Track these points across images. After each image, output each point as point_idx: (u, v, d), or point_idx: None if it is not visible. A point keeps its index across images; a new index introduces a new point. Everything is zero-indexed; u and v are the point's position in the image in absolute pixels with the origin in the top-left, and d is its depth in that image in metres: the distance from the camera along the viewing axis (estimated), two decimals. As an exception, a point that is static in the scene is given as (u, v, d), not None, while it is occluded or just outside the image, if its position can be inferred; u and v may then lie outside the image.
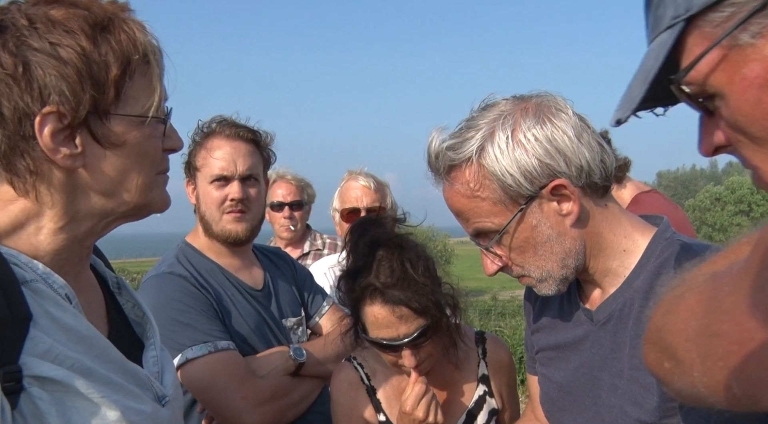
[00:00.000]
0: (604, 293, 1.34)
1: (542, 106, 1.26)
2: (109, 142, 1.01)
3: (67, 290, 1.00)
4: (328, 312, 2.28)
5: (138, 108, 1.03)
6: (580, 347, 1.38)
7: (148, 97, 1.04)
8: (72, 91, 0.96)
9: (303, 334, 2.20)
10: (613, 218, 1.31)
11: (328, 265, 2.89)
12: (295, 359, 1.96)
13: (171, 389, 1.15)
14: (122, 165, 1.03)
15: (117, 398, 0.97)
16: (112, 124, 1.01)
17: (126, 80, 1.01)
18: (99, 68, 0.98)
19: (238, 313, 1.98)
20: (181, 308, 1.87)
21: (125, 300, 1.24)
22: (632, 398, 1.23)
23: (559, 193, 1.24)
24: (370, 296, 1.61)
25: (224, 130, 2.03)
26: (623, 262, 1.30)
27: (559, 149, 1.22)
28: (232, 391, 1.82)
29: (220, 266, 2.05)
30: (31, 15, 0.97)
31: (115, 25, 1.01)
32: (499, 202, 1.26)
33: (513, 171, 1.22)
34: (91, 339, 0.98)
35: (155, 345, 1.20)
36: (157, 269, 2.01)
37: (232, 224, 2.01)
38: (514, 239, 1.28)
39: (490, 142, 1.24)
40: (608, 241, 1.30)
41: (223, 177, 2.00)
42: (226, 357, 1.85)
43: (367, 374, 1.81)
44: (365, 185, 2.72)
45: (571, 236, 1.27)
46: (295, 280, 2.28)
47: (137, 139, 1.04)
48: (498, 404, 1.82)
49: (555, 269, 1.29)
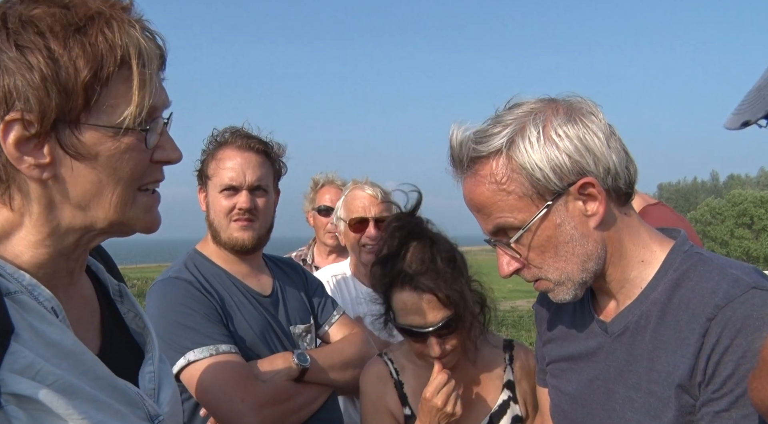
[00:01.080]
0: (619, 304, 1.32)
1: (573, 107, 1.25)
2: (78, 153, 0.93)
3: (54, 303, 0.94)
4: (338, 321, 2.29)
5: (115, 117, 0.94)
6: (593, 358, 1.36)
7: (126, 106, 0.94)
8: (37, 98, 0.88)
9: (312, 341, 2.20)
10: (633, 227, 1.30)
11: (331, 273, 2.89)
12: (298, 365, 1.96)
13: (167, 406, 1.11)
14: (95, 178, 0.95)
15: (100, 418, 0.92)
16: (83, 134, 0.92)
17: (98, 87, 0.91)
18: (67, 74, 0.89)
19: (242, 318, 2.00)
20: (185, 311, 1.89)
21: (127, 309, 1.20)
22: (649, 412, 1.22)
23: (586, 192, 1.22)
24: (401, 282, 1.69)
25: (236, 140, 2.07)
26: (641, 273, 1.29)
27: (589, 149, 1.21)
28: (232, 393, 1.83)
29: (227, 272, 2.07)
30: (8, 14, 0.91)
31: (93, 25, 0.92)
32: (525, 196, 1.23)
33: (543, 165, 1.20)
34: (77, 355, 0.93)
35: (153, 360, 1.15)
36: (165, 274, 2.05)
37: (238, 232, 2.04)
38: (536, 237, 1.25)
39: (520, 136, 1.22)
40: (628, 249, 1.29)
41: (232, 187, 2.03)
42: (227, 360, 1.86)
43: (396, 369, 1.89)
44: (372, 195, 2.71)
45: (593, 238, 1.25)
46: (306, 288, 2.29)
47: (111, 151, 0.95)
48: (522, 412, 1.84)
49: (575, 272, 1.26)
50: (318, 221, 3.59)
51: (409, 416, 1.84)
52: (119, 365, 1.04)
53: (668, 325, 1.22)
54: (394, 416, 1.85)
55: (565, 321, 1.48)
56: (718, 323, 1.13)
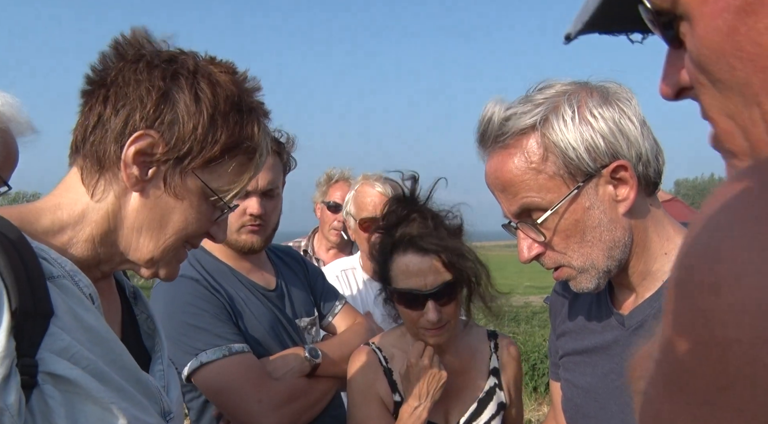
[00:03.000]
0: (638, 297, 1.29)
1: (608, 90, 1.22)
2: (174, 190, 1.05)
3: (92, 290, 0.99)
4: (342, 312, 2.27)
5: (219, 184, 1.08)
6: (609, 352, 1.33)
7: (230, 183, 1.09)
8: (178, 135, 1.02)
9: (317, 334, 2.18)
10: (658, 219, 1.27)
11: (340, 268, 2.87)
12: (310, 360, 1.95)
13: (175, 405, 1.14)
14: (168, 216, 1.06)
15: (126, 406, 0.96)
16: (188, 179, 1.05)
17: (222, 157, 1.06)
18: (212, 136, 1.04)
19: (251, 314, 1.97)
20: (194, 311, 1.86)
21: (140, 311, 1.24)
22: None
23: (618, 176, 1.19)
24: (404, 245, 1.73)
25: None
26: (663, 265, 1.26)
27: (624, 132, 1.18)
28: (248, 394, 1.81)
29: (231, 268, 2.04)
30: (200, 66, 1.07)
31: (251, 115, 1.10)
32: (556, 176, 1.19)
33: (577, 145, 1.17)
34: (110, 342, 0.98)
35: (162, 359, 1.19)
36: None
37: (247, 236, 2.01)
38: (563, 220, 1.21)
39: (554, 115, 1.19)
40: (653, 241, 1.26)
41: (244, 192, 1.99)
42: (241, 360, 1.83)
43: (385, 356, 1.90)
44: (382, 193, 2.67)
45: (621, 225, 1.22)
46: (307, 279, 2.27)
47: (195, 205, 1.07)
48: (506, 399, 1.88)
49: (600, 259, 1.22)
50: (325, 215, 3.58)
51: (399, 402, 1.85)
52: (136, 360, 1.07)
53: None
54: (383, 403, 1.86)
55: (580, 314, 1.44)
56: None
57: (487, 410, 1.85)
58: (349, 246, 3.59)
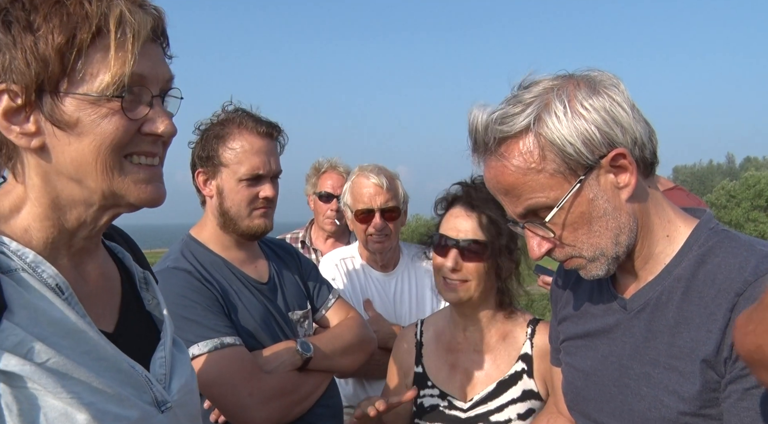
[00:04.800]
0: (640, 281, 1.31)
1: (594, 80, 1.23)
2: (60, 121, 0.96)
3: (59, 280, 0.96)
4: (335, 305, 2.27)
5: (95, 85, 0.96)
6: (610, 335, 1.34)
7: (105, 73, 0.96)
8: (20, 70, 0.93)
9: (309, 327, 2.18)
10: (658, 201, 1.29)
11: (340, 256, 2.87)
12: (302, 354, 1.95)
13: (177, 394, 1.10)
14: (79, 146, 0.97)
15: (93, 400, 0.92)
16: (63, 102, 0.95)
17: (72, 55, 0.94)
18: (45, 44, 0.93)
19: (244, 307, 1.97)
20: (187, 303, 1.85)
21: (150, 297, 1.22)
22: (669, 388, 1.20)
23: (617, 164, 1.20)
24: (461, 200, 1.91)
25: (256, 126, 2.00)
26: (665, 248, 1.27)
27: (617, 120, 1.19)
28: (239, 387, 1.81)
29: (225, 260, 2.04)
30: None
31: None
32: (557, 173, 1.20)
33: (573, 140, 1.18)
34: (79, 334, 0.94)
35: (165, 346, 1.15)
36: (162, 264, 2.00)
37: (260, 220, 2.02)
38: (569, 214, 1.23)
39: (546, 113, 1.19)
40: (654, 223, 1.27)
41: (258, 176, 1.98)
42: (232, 353, 1.84)
43: (422, 330, 2.07)
44: (378, 184, 2.67)
45: (626, 211, 1.23)
46: (300, 272, 2.26)
47: (91, 117, 0.96)
48: (539, 388, 1.89)
49: (608, 247, 1.24)
50: (318, 206, 3.59)
51: (419, 373, 1.99)
52: (134, 346, 1.05)
53: (692, 300, 1.19)
54: (402, 371, 2.05)
55: (582, 299, 1.46)
56: (747, 299, 1.10)
57: (508, 394, 1.86)
58: (347, 234, 3.59)
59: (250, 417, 1.82)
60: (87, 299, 1.00)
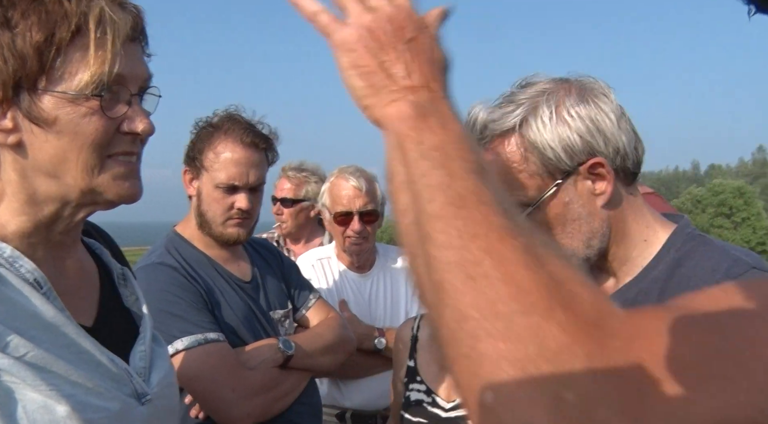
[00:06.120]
0: (617, 282, 1.36)
1: (586, 87, 1.28)
2: (38, 118, 0.96)
3: (37, 275, 0.96)
4: (315, 306, 2.30)
5: (73, 84, 0.96)
6: None
7: (85, 72, 0.97)
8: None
9: (290, 326, 2.22)
10: (637, 208, 1.33)
11: (316, 257, 2.90)
12: (283, 352, 1.98)
13: (157, 387, 1.12)
14: (58, 143, 0.98)
15: (73, 392, 0.93)
16: (41, 99, 0.96)
17: (51, 52, 0.94)
18: (23, 41, 0.93)
19: (227, 304, 2.00)
20: (171, 299, 1.88)
21: (129, 293, 1.23)
22: None
23: (595, 171, 1.25)
24: None
25: (241, 135, 2.00)
26: (642, 252, 1.32)
27: (600, 129, 1.24)
28: (221, 383, 1.84)
29: (209, 257, 2.07)
30: None
31: None
32: (536, 175, 1.26)
33: (554, 145, 1.23)
34: (58, 328, 0.95)
35: (145, 340, 1.16)
36: (147, 260, 2.02)
37: (233, 229, 2.03)
38: (544, 214, 1.28)
39: (533, 116, 1.24)
40: (631, 229, 1.32)
41: (233, 186, 2.00)
42: (216, 349, 1.86)
43: (419, 325, 2.07)
44: (356, 187, 2.70)
45: (600, 217, 1.28)
46: (282, 272, 2.29)
47: (70, 115, 0.97)
48: None
49: (580, 249, 1.29)
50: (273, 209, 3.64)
51: (411, 367, 2.01)
52: (113, 340, 1.06)
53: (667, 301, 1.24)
54: (398, 364, 2.09)
55: None
56: None
57: None
58: (314, 232, 3.65)
59: (232, 412, 1.85)
60: (65, 294, 1.01)
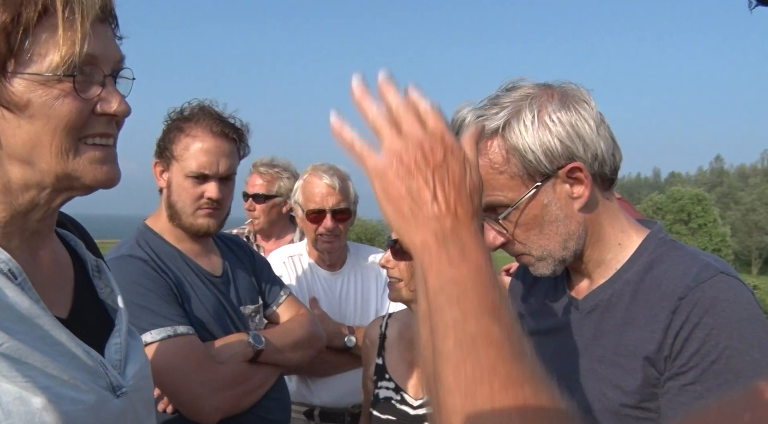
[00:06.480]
0: (592, 283, 1.41)
1: (568, 93, 1.32)
2: (9, 102, 0.94)
3: (12, 265, 0.95)
4: (285, 302, 2.31)
5: (44, 66, 0.94)
6: (562, 333, 1.43)
7: (55, 53, 0.94)
8: None
9: (260, 322, 2.23)
10: (613, 212, 1.38)
11: (288, 254, 2.91)
12: (254, 346, 1.99)
13: (132, 380, 1.11)
14: (31, 128, 0.95)
15: (49, 384, 0.92)
16: (11, 83, 0.93)
17: (19, 33, 0.92)
18: None
19: (197, 298, 2.00)
20: (141, 291, 1.87)
21: (103, 285, 1.22)
22: (613, 382, 1.29)
23: (574, 176, 1.29)
24: None
25: (211, 125, 2.01)
26: (617, 255, 1.37)
27: (580, 135, 1.28)
28: (191, 376, 1.84)
29: (180, 251, 2.06)
30: None
31: None
32: (516, 176, 1.30)
33: (535, 148, 1.27)
34: (34, 319, 0.94)
35: (120, 332, 1.15)
36: (117, 252, 2.00)
37: (203, 219, 2.03)
38: (523, 215, 1.32)
39: (515, 119, 1.28)
40: (607, 232, 1.37)
41: (203, 175, 2.00)
42: (186, 342, 1.86)
43: (387, 323, 2.15)
44: (329, 185, 2.72)
45: (576, 220, 1.33)
46: (254, 268, 2.30)
47: (42, 98, 0.95)
48: None
49: (556, 250, 1.34)
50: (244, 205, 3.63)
51: (379, 365, 2.07)
52: (88, 332, 1.06)
53: (639, 303, 1.30)
54: (367, 363, 2.17)
55: (538, 298, 1.56)
56: (688, 302, 1.21)
57: None
58: (285, 229, 3.66)
59: (200, 406, 1.86)
60: (40, 285, 1.00)
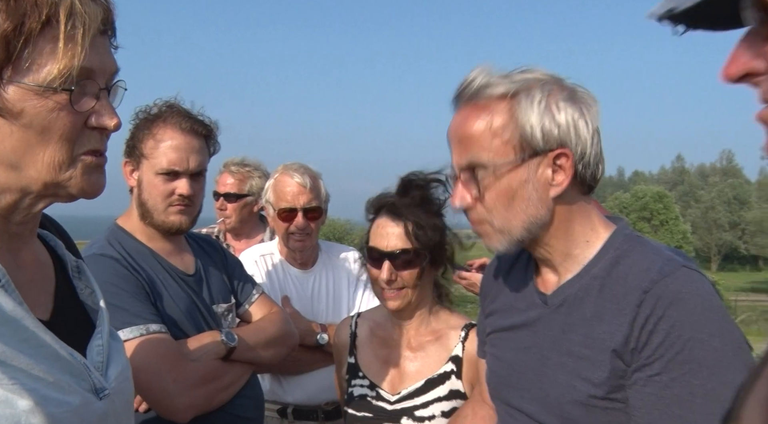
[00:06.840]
0: (560, 278, 1.44)
1: (577, 93, 1.36)
2: (3, 109, 0.94)
3: None
4: (258, 301, 2.32)
5: (41, 76, 0.94)
6: (532, 328, 1.47)
7: (54, 64, 0.94)
8: None
9: (233, 320, 2.23)
10: (585, 213, 1.42)
11: (259, 253, 2.91)
12: (226, 344, 2.00)
13: (114, 382, 1.11)
14: (23, 136, 0.95)
15: (35, 386, 0.92)
16: (6, 90, 0.93)
17: (19, 42, 0.92)
18: None
19: (169, 297, 2.00)
20: (113, 290, 1.86)
21: (84, 286, 1.22)
22: (581, 375, 1.33)
23: (559, 162, 1.34)
24: (386, 208, 1.97)
25: (179, 121, 2.01)
26: (584, 251, 1.41)
27: (577, 130, 1.33)
28: (163, 373, 1.84)
29: (151, 250, 2.06)
30: None
31: None
32: (508, 144, 1.33)
33: (535, 124, 1.31)
34: (17, 321, 0.94)
35: (102, 334, 1.15)
36: (87, 251, 1.99)
37: (175, 217, 2.03)
38: (499, 182, 1.34)
39: (525, 94, 1.32)
40: (576, 230, 1.41)
41: (174, 172, 2.00)
42: (158, 340, 1.87)
43: (357, 322, 2.18)
44: (301, 184, 2.73)
45: (547, 206, 1.36)
46: (226, 267, 2.31)
47: (37, 108, 0.95)
48: (466, 390, 1.98)
49: (517, 228, 1.37)
50: (215, 204, 3.64)
51: (351, 364, 2.09)
52: (69, 334, 1.06)
53: (606, 297, 1.34)
54: (339, 362, 2.18)
55: (508, 295, 1.59)
56: (652, 295, 1.26)
57: (435, 391, 1.96)
58: (256, 227, 3.67)
59: (173, 403, 1.86)
60: (22, 287, 1.00)
